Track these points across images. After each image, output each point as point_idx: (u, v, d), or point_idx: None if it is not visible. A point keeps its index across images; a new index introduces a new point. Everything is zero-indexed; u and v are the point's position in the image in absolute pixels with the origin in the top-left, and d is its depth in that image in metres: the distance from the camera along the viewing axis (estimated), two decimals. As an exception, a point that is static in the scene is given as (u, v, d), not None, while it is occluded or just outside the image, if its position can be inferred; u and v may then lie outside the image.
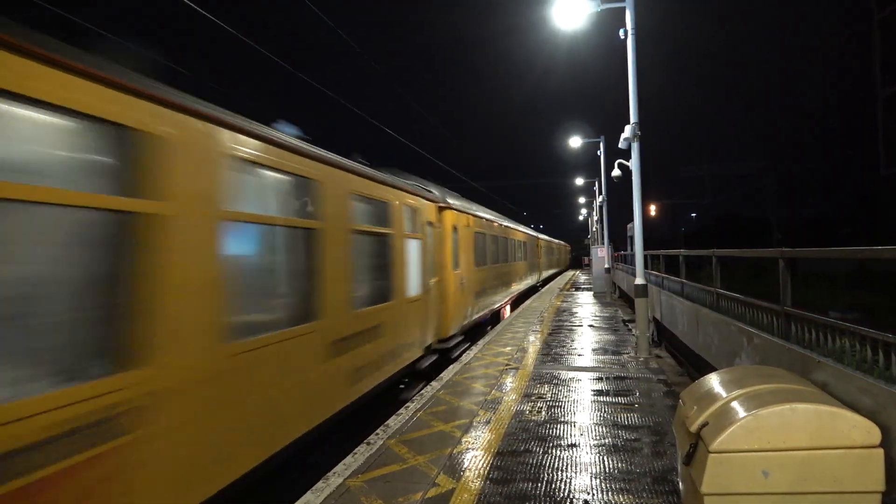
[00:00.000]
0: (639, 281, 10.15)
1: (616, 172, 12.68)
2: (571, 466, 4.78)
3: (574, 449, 5.20)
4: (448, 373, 8.66)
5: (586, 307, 19.15)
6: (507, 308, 18.69)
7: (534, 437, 5.55)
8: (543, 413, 6.38)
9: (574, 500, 4.15)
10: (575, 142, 25.22)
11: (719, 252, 7.51)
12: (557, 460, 4.93)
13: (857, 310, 12.52)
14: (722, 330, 6.37)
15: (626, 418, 6.09)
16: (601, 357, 9.78)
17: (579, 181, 42.20)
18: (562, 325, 14.18)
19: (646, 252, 11.07)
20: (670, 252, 12.09)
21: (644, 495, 4.18)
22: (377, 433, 5.81)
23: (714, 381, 3.59)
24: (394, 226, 7.57)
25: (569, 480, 4.49)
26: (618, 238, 31.04)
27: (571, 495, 4.22)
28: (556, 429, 5.80)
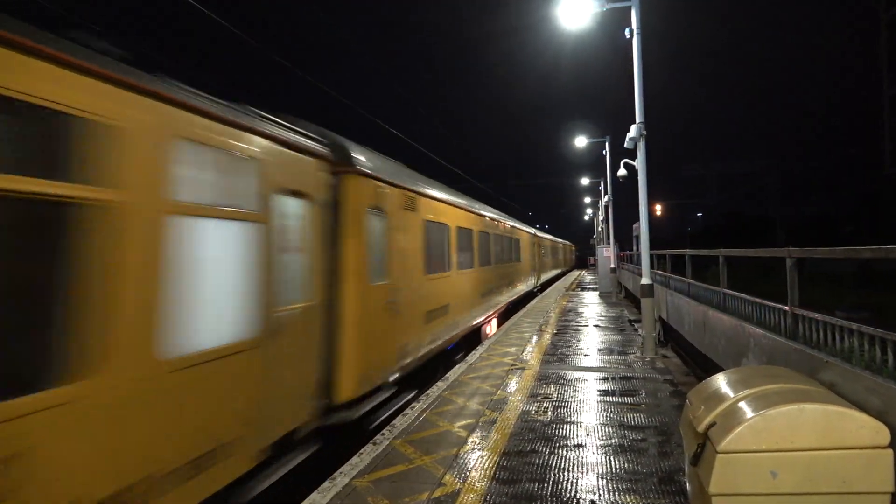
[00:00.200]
0: (645, 281, 10.13)
1: (622, 172, 12.65)
2: (578, 466, 4.78)
3: (580, 449, 5.20)
4: (454, 373, 8.68)
5: (592, 307, 19.12)
6: (491, 323, 15.16)
7: (540, 438, 5.55)
8: (549, 413, 6.38)
9: (581, 500, 4.15)
10: (580, 142, 25.22)
11: (726, 252, 7.48)
12: (564, 460, 4.93)
13: (864, 309, 12.44)
14: (729, 330, 6.35)
15: (633, 418, 6.08)
16: (607, 357, 9.77)
17: (585, 181, 42.19)
18: (567, 325, 14.16)
19: (652, 252, 11.03)
20: (676, 252, 12.06)
21: (651, 495, 4.17)
22: (383, 433, 5.82)
23: (721, 381, 3.58)
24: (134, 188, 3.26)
25: (575, 480, 4.50)
26: (623, 238, 31.03)
27: (578, 495, 4.22)
28: (563, 429, 5.80)
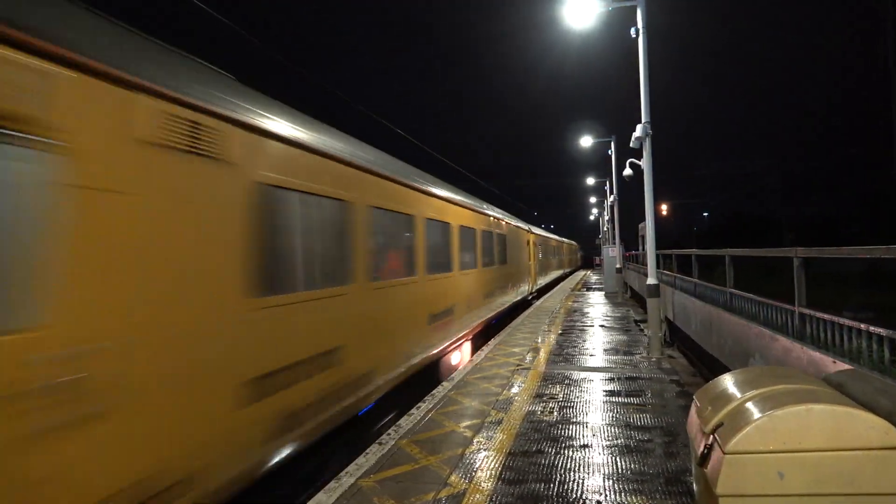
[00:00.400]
0: (651, 281, 10.10)
1: (628, 172, 12.63)
2: (584, 467, 4.77)
3: (586, 449, 5.19)
4: (459, 373, 8.68)
5: (597, 307, 19.07)
6: (457, 352, 10.37)
7: (546, 438, 5.54)
8: (555, 413, 6.37)
9: (587, 500, 4.14)
10: (586, 141, 25.16)
11: (732, 252, 7.45)
12: (570, 461, 4.92)
13: (870, 309, 12.35)
14: (735, 330, 6.33)
15: (639, 419, 6.07)
16: (613, 357, 9.74)
17: (590, 181, 42.08)
18: (573, 326, 14.14)
19: (658, 252, 11.00)
20: (683, 252, 12.03)
21: (657, 496, 4.16)
22: (389, 433, 5.82)
23: (728, 381, 3.57)
24: None
25: (581, 481, 4.49)
26: (629, 238, 30.95)
27: (584, 496, 4.21)
28: (568, 429, 5.79)
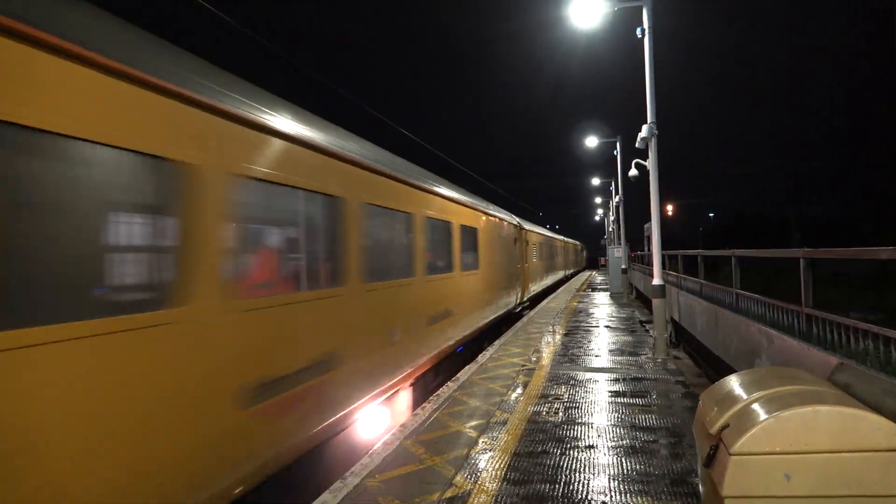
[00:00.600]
0: (656, 281, 10.07)
1: (633, 172, 12.60)
2: (589, 468, 4.77)
3: (591, 450, 5.18)
4: (464, 373, 8.68)
5: (603, 308, 19.03)
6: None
7: (551, 439, 5.54)
8: (560, 414, 6.37)
9: (592, 501, 4.14)
10: (591, 142, 25.15)
11: (739, 252, 7.42)
12: (575, 462, 4.92)
13: (877, 310, 12.28)
14: (741, 331, 6.30)
15: (644, 420, 6.05)
16: (618, 358, 9.72)
17: (596, 181, 42.00)
18: (578, 326, 14.11)
19: (663, 252, 10.97)
20: (688, 252, 11.98)
21: (663, 497, 4.15)
22: (394, 433, 5.84)
23: (734, 382, 3.56)
24: None
25: (586, 482, 4.48)
26: (634, 238, 30.85)
27: (589, 497, 4.21)
28: (573, 430, 5.79)
